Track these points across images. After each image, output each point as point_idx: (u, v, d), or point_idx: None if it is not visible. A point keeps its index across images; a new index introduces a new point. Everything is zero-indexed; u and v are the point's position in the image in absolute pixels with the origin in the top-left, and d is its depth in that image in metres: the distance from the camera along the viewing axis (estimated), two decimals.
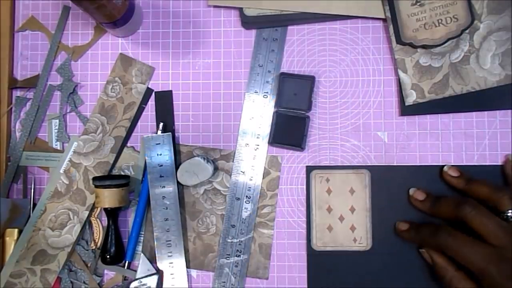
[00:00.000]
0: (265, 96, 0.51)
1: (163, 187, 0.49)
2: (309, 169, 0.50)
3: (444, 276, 0.44)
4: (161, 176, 0.49)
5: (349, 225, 0.49)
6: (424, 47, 0.49)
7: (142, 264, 0.50)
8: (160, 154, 0.49)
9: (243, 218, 0.50)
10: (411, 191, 0.49)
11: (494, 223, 0.41)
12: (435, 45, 0.49)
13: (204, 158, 0.50)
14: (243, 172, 0.50)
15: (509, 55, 0.49)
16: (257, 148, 0.50)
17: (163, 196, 0.49)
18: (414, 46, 0.49)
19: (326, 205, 0.50)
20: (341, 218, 0.50)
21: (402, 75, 0.50)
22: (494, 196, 0.43)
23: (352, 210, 0.49)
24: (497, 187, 0.44)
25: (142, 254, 0.50)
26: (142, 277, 0.49)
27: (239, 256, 0.50)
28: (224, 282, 0.50)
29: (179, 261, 0.49)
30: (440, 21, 0.49)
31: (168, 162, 0.49)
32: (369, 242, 0.49)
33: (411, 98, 0.50)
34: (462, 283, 0.43)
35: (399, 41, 0.50)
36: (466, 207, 0.43)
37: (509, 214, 0.42)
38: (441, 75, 0.49)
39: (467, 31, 0.49)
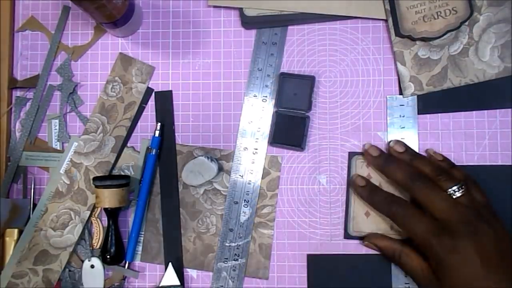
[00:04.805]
0: (264, 100, 0.51)
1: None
2: (351, 155, 0.50)
3: (393, 255, 0.46)
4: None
5: None
6: (423, 39, 0.49)
7: (168, 274, 0.50)
8: (403, 116, 0.50)
9: (241, 222, 0.50)
10: (367, 145, 0.49)
11: (439, 197, 0.43)
12: (434, 37, 0.49)
13: (208, 157, 0.50)
14: (242, 176, 0.50)
15: (509, 48, 0.49)
16: (255, 152, 0.50)
17: None
18: (413, 39, 0.49)
19: None
20: None
21: (400, 67, 0.50)
22: (435, 176, 0.45)
23: None
24: (438, 168, 0.46)
25: (170, 264, 0.50)
26: (165, 286, 0.49)
27: (237, 260, 0.50)
28: (222, 286, 0.50)
29: None
30: (439, 13, 0.49)
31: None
32: None
33: (409, 90, 0.50)
34: (410, 256, 0.45)
35: (398, 33, 0.50)
36: (416, 180, 0.44)
37: (450, 192, 0.43)
38: (440, 68, 0.49)
39: (466, 23, 0.49)
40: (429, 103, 0.50)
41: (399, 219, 0.45)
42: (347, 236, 0.50)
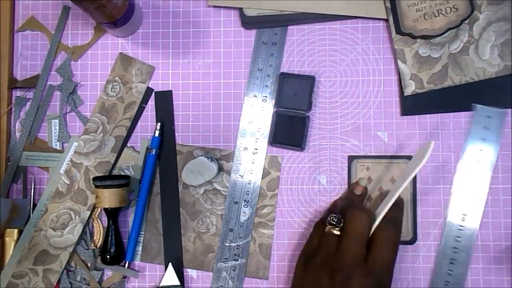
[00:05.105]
0: (264, 100, 0.51)
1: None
2: (351, 159, 0.50)
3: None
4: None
5: None
6: (423, 37, 0.49)
7: (168, 274, 0.50)
8: (487, 128, 0.49)
9: (241, 222, 0.50)
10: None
11: None
12: (435, 35, 0.49)
13: (208, 157, 0.50)
14: (242, 176, 0.50)
15: (509, 46, 0.49)
16: (255, 152, 0.50)
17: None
18: (414, 37, 0.49)
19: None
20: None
21: (401, 65, 0.50)
22: None
23: None
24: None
25: (170, 264, 0.50)
26: (165, 286, 0.49)
27: (237, 260, 0.50)
28: (222, 286, 0.50)
29: None
30: (439, 11, 0.49)
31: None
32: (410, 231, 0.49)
33: (410, 88, 0.50)
34: None
35: (399, 31, 0.50)
36: None
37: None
38: (440, 66, 0.49)
39: (466, 21, 0.49)
40: (430, 103, 0.50)
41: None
42: None
